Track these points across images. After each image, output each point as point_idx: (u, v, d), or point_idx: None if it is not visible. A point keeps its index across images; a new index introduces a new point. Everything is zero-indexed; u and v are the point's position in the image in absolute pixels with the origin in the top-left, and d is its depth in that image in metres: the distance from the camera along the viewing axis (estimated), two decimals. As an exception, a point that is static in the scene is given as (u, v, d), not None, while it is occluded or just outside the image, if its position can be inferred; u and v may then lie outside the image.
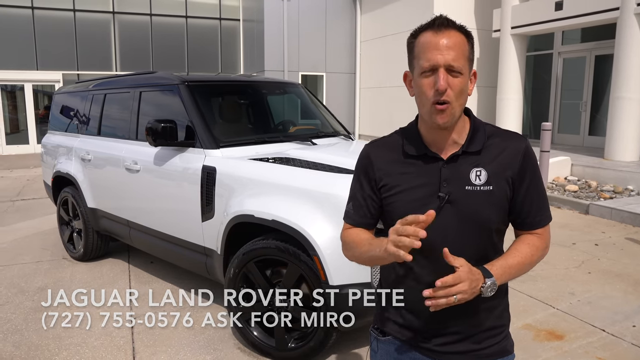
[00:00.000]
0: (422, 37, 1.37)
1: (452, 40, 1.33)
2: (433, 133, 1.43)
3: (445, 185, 1.40)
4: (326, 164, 3.39)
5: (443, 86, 1.31)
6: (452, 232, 1.39)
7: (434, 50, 1.32)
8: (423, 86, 1.36)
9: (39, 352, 3.43)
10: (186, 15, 17.47)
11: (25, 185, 10.41)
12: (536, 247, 1.46)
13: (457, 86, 1.34)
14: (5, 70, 15.71)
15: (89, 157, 5.01)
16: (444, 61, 1.32)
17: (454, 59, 1.32)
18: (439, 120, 1.36)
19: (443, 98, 1.33)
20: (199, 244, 3.78)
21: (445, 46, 1.32)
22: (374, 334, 1.60)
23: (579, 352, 3.34)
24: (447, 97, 1.33)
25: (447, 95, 1.32)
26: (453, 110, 1.35)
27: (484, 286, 1.32)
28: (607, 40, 11.35)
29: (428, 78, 1.34)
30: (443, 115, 1.35)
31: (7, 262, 5.35)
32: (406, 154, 1.46)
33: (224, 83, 4.55)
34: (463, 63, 1.34)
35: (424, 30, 1.38)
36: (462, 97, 1.36)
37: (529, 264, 1.44)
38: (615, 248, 5.59)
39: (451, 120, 1.37)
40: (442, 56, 1.32)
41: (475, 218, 1.39)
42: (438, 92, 1.32)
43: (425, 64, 1.34)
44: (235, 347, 3.47)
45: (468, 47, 1.37)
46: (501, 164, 1.41)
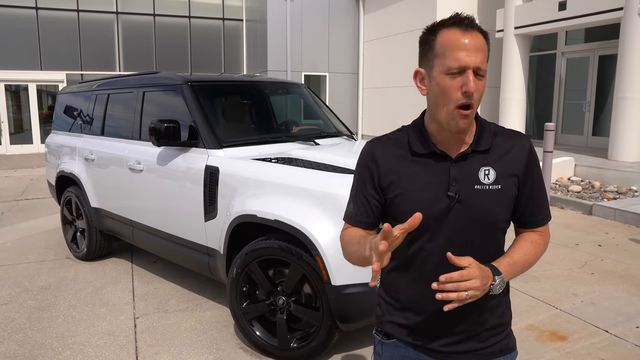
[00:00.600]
0: (446, 33, 1.32)
1: (479, 42, 1.30)
2: (443, 132, 1.40)
3: (454, 185, 1.38)
4: (329, 164, 3.39)
5: (473, 88, 1.28)
6: (461, 231, 1.39)
7: (464, 51, 1.28)
8: (447, 87, 1.31)
9: (42, 351, 3.44)
10: (189, 16, 17.50)
11: (29, 185, 10.45)
12: (538, 244, 1.47)
13: (481, 90, 1.32)
14: (10, 70, 15.77)
15: (92, 157, 5.03)
16: (474, 63, 1.28)
17: (482, 61, 1.30)
18: (461, 125, 1.33)
19: (470, 102, 1.30)
20: (202, 243, 3.79)
21: (474, 48, 1.29)
22: (378, 337, 1.57)
23: (582, 353, 3.33)
24: (472, 100, 1.30)
25: (474, 98, 1.30)
26: (473, 113, 1.34)
27: (494, 284, 1.31)
28: (611, 40, 11.33)
29: (454, 79, 1.30)
30: (465, 120, 1.32)
31: (11, 261, 5.37)
32: (414, 152, 1.43)
33: (227, 83, 4.55)
34: (486, 66, 1.32)
35: (447, 26, 1.33)
36: (480, 98, 1.34)
37: (532, 261, 1.45)
38: (618, 249, 5.58)
39: (470, 123, 1.35)
40: (471, 58, 1.28)
41: (485, 217, 1.39)
42: (467, 94, 1.29)
43: (454, 64, 1.29)
44: (238, 347, 3.48)
45: (488, 50, 1.35)
46: (508, 163, 1.41)
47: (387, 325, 1.54)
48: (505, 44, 11.92)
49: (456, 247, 1.40)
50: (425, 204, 1.39)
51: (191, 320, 3.90)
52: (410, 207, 1.41)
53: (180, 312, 4.07)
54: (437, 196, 1.39)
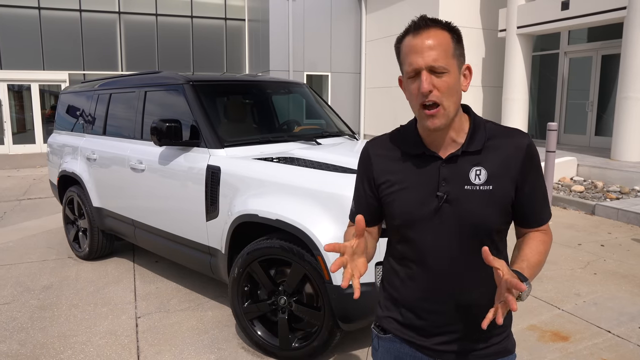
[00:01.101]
0: (405, 41, 1.35)
1: (432, 40, 1.30)
2: (430, 134, 1.41)
3: (443, 185, 1.38)
4: (331, 163, 3.39)
5: (426, 88, 1.29)
6: (450, 232, 1.38)
7: (414, 54, 1.31)
8: (410, 90, 1.35)
9: (44, 351, 3.45)
10: (191, 15, 17.50)
11: (32, 185, 10.46)
12: (547, 243, 1.45)
13: (444, 85, 1.31)
14: (12, 70, 15.80)
15: (94, 157, 5.04)
16: (424, 63, 1.30)
17: (435, 59, 1.29)
18: (430, 125, 1.34)
19: (429, 99, 1.30)
20: (204, 243, 3.79)
21: (426, 47, 1.30)
22: (375, 331, 1.60)
23: (585, 354, 3.32)
24: (434, 99, 1.30)
25: (434, 96, 1.30)
26: (446, 111, 1.32)
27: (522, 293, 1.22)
28: (614, 39, 11.31)
29: (414, 82, 1.33)
30: (434, 120, 1.33)
31: (13, 260, 5.38)
32: (404, 152, 1.45)
33: (229, 83, 4.55)
34: (447, 61, 1.31)
35: (406, 34, 1.36)
36: (453, 95, 1.33)
37: (544, 261, 1.43)
38: (621, 249, 5.56)
39: (445, 121, 1.34)
40: (422, 58, 1.29)
41: (474, 218, 1.37)
42: (422, 94, 1.30)
43: (409, 69, 1.33)
44: (239, 347, 3.48)
45: (452, 43, 1.33)
46: (503, 163, 1.38)
47: (384, 321, 1.56)
48: (508, 43, 11.89)
49: (447, 247, 1.39)
50: (415, 203, 1.40)
51: (193, 320, 3.89)
52: (401, 206, 1.43)
53: (182, 311, 4.07)
54: (427, 196, 1.39)
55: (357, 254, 1.27)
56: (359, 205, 1.55)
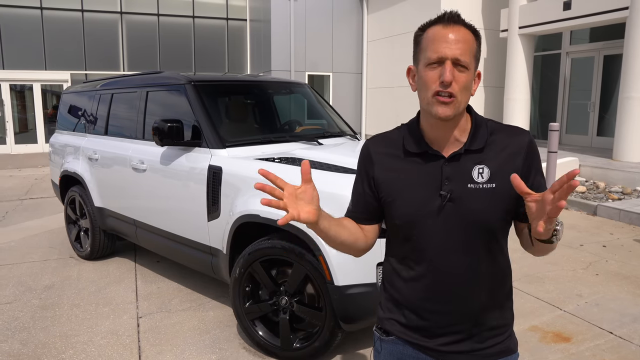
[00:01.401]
0: (430, 30, 1.35)
1: (461, 35, 1.31)
2: (435, 130, 1.41)
3: (446, 184, 1.37)
4: (332, 164, 3.39)
5: (449, 77, 1.29)
6: (454, 230, 1.38)
7: (443, 43, 1.31)
8: (427, 78, 1.33)
9: (45, 350, 3.45)
10: (193, 16, 17.52)
11: (34, 184, 10.48)
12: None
13: (463, 81, 1.31)
14: (15, 70, 15.83)
15: (96, 157, 5.04)
16: (451, 54, 1.30)
17: (462, 53, 1.30)
18: (440, 113, 1.32)
19: (448, 90, 1.30)
20: (205, 243, 3.79)
21: (454, 40, 1.30)
22: (378, 333, 1.59)
23: (587, 355, 3.32)
24: (452, 90, 1.31)
25: (452, 88, 1.30)
26: (457, 105, 1.33)
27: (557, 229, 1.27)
28: (616, 40, 11.29)
29: (433, 70, 1.32)
30: (445, 108, 1.32)
31: (15, 260, 5.39)
32: (407, 151, 1.44)
33: (231, 83, 4.55)
34: (470, 59, 1.32)
35: (433, 24, 1.36)
36: (466, 93, 1.34)
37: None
38: (623, 250, 5.55)
39: (454, 113, 1.33)
40: (450, 49, 1.30)
41: (478, 216, 1.37)
42: (443, 84, 1.30)
43: (433, 55, 1.32)
44: (241, 347, 3.48)
45: (475, 46, 1.35)
46: (505, 160, 1.38)
47: (386, 322, 1.55)
48: (510, 43, 11.89)
49: (450, 246, 1.39)
50: (417, 202, 1.40)
51: (194, 320, 3.90)
52: (403, 206, 1.42)
53: (183, 311, 4.07)
54: (430, 195, 1.39)
55: (304, 200, 1.30)
56: (356, 203, 1.54)
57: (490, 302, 1.44)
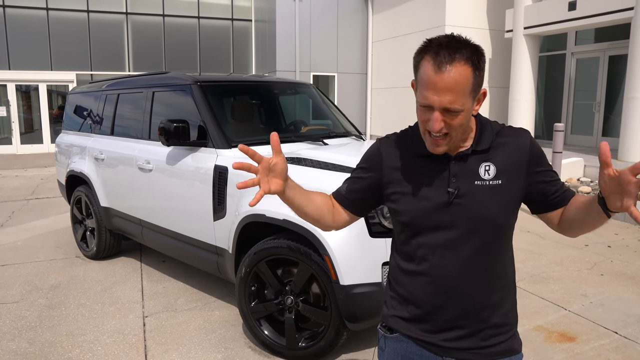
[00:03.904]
0: (424, 65, 1.28)
1: (453, 79, 1.24)
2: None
3: (454, 181, 1.40)
4: (337, 164, 3.40)
5: (436, 128, 1.29)
6: (461, 226, 1.39)
7: (431, 90, 1.26)
8: (420, 115, 1.35)
9: (52, 349, 3.48)
10: (198, 16, 17.57)
11: (40, 184, 10.53)
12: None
13: (455, 123, 1.31)
14: (21, 70, 15.91)
15: (102, 157, 5.07)
16: (439, 104, 1.27)
17: (451, 102, 1.26)
18: (435, 151, 1.36)
19: (439, 134, 1.32)
20: (211, 243, 3.80)
21: (444, 87, 1.25)
22: (382, 331, 1.60)
23: (591, 355, 3.32)
24: (442, 132, 1.32)
25: (442, 131, 1.31)
26: (452, 140, 1.35)
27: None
28: (621, 40, 11.25)
29: (425, 112, 1.32)
30: (438, 148, 1.35)
31: (21, 259, 5.42)
32: (415, 151, 1.47)
33: (236, 83, 4.56)
34: (462, 101, 1.27)
35: (429, 53, 1.28)
36: (462, 128, 1.34)
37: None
38: (628, 250, 5.54)
39: (448, 148, 1.37)
40: (438, 98, 1.26)
41: (485, 213, 1.39)
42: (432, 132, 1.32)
43: (422, 101, 1.30)
44: (246, 346, 3.49)
45: (472, 80, 1.27)
46: (510, 160, 1.41)
47: (391, 320, 1.56)
48: (515, 44, 11.87)
49: (456, 243, 1.40)
50: (425, 200, 1.42)
51: (200, 319, 3.91)
52: (411, 204, 1.44)
53: (189, 311, 4.09)
54: (437, 192, 1.41)
55: (275, 172, 1.38)
56: (351, 188, 1.57)
57: (494, 300, 1.45)
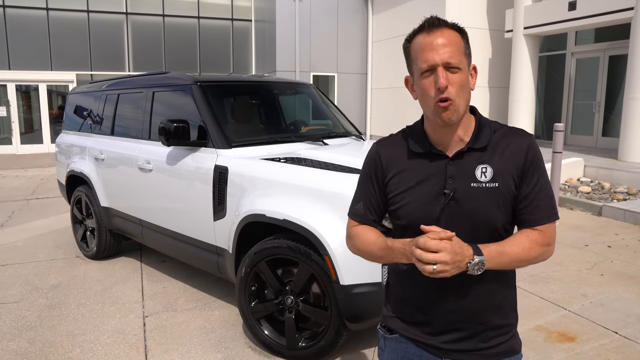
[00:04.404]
0: (415, 40, 1.39)
1: (446, 38, 1.34)
2: (439, 132, 1.44)
3: (450, 182, 1.40)
4: (337, 164, 3.40)
5: (443, 83, 1.32)
6: (457, 229, 1.38)
7: (430, 51, 1.34)
8: (424, 87, 1.37)
9: (52, 349, 3.48)
10: (198, 16, 17.56)
11: (40, 184, 10.53)
12: (535, 242, 1.40)
13: (457, 82, 1.34)
14: (20, 70, 15.90)
15: (102, 157, 5.07)
16: (440, 59, 1.33)
17: (450, 56, 1.33)
18: (444, 117, 1.36)
19: (444, 95, 1.33)
20: (211, 243, 3.80)
21: (440, 45, 1.33)
22: (382, 332, 1.61)
23: (591, 355, 3.32)
24: (448, 95, 1.33)
25: (449, 92, 1.33)
26: (457, 107, 1.35)
27: (471, 262, 1.29)
28: (621, 40, 11.25)
29: (428, 78, 1.36)
30: (447, 112, 1.35)
31: (22, 259, 5.42)
32: (411, 152, 1.47)
33: (236, 83, 4.57)
34: (460, 58, 1.35)
35: (416, 33, 1.39)
36: (464, 93, 1.36)
37: (526, 257, 1.39)
38: (628, 250, 5.54)
39: (456, 116, 1.36)
40: (438, 55, 1.33)
41: (481, 215, 1.39)
42: (439, 90, 1.33)
43: (423, 65, 1.35)
44: (246, 346, 3.49)
45: (463, 43, 1.38)
46: (506, 161, 1.40)
47: (390, 321, 1.56)
48: (515, 44, 11.87)
49: None
50: (421, 201, 1.42)
51: (200, 319, 3.92)
52: (409, 205, 1.44)
53: (189, 311, 4.09)
54: (434, 194, 1.41)
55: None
56: (367, 205, 1.55)
57: (494, 302, 1.45)
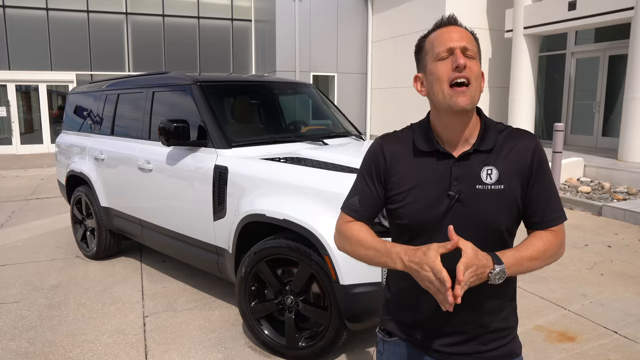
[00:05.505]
0: (432, 34, 1.41)
1: (463, 33, 1.38)
2: (446, 130, 1.41)
3: (455, 184, 1.37)
4: (337, 164, 3.40)
5: (462, 61, 1.32)
6: (461, 232, 1.35)
7: (447, 38, 1.36)
8: (439, 71, 1.35)
9: (52, 349, 3.48)
10: (198, 16, 17.57)
11: (40, 185, 10.53)
12: (550, 242, 1.39)
13: (475, 68, 1.35)
14: (20, 70, 15.91)
15: (102, 157, 5.07)
16: (459, 44, 1.35)
17: (468, 43, 1.36)
18: (461, 102, 1.33)
19: (463, 75, 1.32)
20: (211, 243, 3.80)
21: (457, 36, 1.36)
22: (380, 335, 1.58)
23: (591, 354, 3.32)
24: (466, 75, 1.32)
25: (467, 72, 1.32)
26: (473, 92, 1.34)
27: (492, 272, 1.27)
28: (621, 40, 11.26)
29: (445, 62, 1.35)
30: (464, 97, 1.33)
31: (22, 259, 5.42)
32: (418, 149, 1.44)
33: (236, 83, 4.57)
34: (475, 51, 1.38)
35: (433, 30, 1.42)
36: (478, 83, 1.36)
37: (542, 259, 1.38)
38: (628, 250, 5.54)
39: (472, 103, 1.34)
40: (456, 40, 1.35)
41: (486, 217, 1.37)
42: (458, 68, 1.32)
43: (442, 49, 1.35)
44: (246, 346, 3.49)
45: (476, 44, 1.41)
46: (512, 163, 1.38)
47: (389, 324, 1.54)
48: (515, 44, 11.87)
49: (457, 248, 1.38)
50: (425, 202, 1.39)
51: (200, 319, 3.92)
52: (412, 205, 1.41)
53: (189, 310, 4.09)
54: (438, 195, 1.39)
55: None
56: (365, 204, 1.50)
57: (494, 305, 1.43)
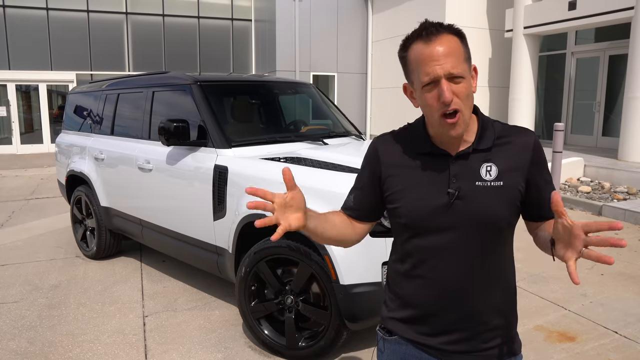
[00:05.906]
0: (413, 49, 1.33)
1: (445, 46, 1.28)
2: (442, 135, 1.40)
3: (454, 181, 1.37)
4: (337, 163, 3.40)
5: (449, 98, 1.27)
6: (461, 228, 1.37)
7: (430, 62, 1.28)
8: (427, 100, 1.32)
9: (52, 349, 3.48)
10: (198, 16, 17.56)
11: (40, 184, 10.53)
12: None
13: (463, 92, 1.30)
14: (20, 70, 15.91)
15: (102, 157, 5.07)
16: (443, 71, 1.27)
17: (453, 66, 1.27)
18: (452, 134, 1.33)
19: (451, 107, 1.29)
20: (211, 242, 3.80)
21: (441, 54, 1.27)
22: (381, 333, 1.58)
23: (591, 354, 3.32)
24: (455, 106, 1.30)
25: (455, 103, 1.29)
26: (464, 117, 1.32)
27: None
28: (621, 40, 11.26)
29: (431, 92, 1.31)
30: (456, 128, 1.32)
31: (22, 259, 5.42)
32: (414, 150, 1.44)
33: (236, 83, 4.57)
34: (462, 67, 1.30)
35: (413, 41, 1.33)
36: (469, 102, 1.33)
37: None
38: (628, 250, 5.54)
39: (464, 129, 1.34)
40: (440, 67, 1.27)
41: (486, 214, 1.36)
42: (444, 104, 1.29)
43: (425, 78, 1.29)
44: (246, 346, 3.49)
45: (463, 48, 1.32)
46: (512, 159, 1.39)
47: (389, 322, 1.54)
48: (515, 44, 11.87)
49: (456, 245, 1.38)
50: (425, 201, 1.39)
51: (200, 319, 3.92)
52: (410, 204, 1.41)
53: (189, 310, 4.09)
54: (437, 193, 1.38)
55: (293, 207, 1.30)
56: (359, 201, 1.53)
57: (494, 302, 1.43)
